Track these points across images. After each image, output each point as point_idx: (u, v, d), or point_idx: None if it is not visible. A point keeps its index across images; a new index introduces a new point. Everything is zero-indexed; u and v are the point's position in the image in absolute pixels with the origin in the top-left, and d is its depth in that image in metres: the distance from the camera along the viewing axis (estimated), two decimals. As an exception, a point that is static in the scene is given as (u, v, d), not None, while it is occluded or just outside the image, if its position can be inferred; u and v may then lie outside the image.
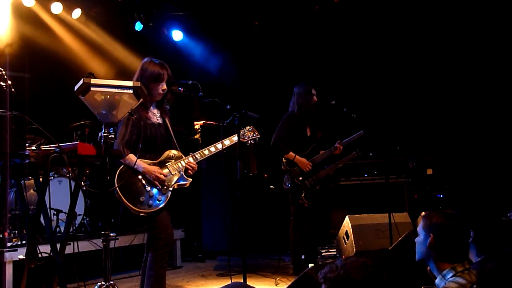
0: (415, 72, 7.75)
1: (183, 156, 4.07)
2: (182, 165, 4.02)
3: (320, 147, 5.94)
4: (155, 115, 4.07)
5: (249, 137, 4.46)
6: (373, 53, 7.97)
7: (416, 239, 2.63)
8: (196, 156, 4.11)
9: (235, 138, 4.32)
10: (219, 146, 4.21)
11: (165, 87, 4.02)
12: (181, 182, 3.99)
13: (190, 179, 4.05)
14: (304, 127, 5.96)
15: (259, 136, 4.52)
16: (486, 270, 1.77)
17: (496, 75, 7.22)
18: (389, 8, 7.66)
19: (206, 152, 4.16)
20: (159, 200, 3.82)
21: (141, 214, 3.77)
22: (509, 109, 7.10)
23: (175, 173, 3.97)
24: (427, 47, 7.66)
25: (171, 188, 3.91)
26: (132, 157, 3.79)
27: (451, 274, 2.42)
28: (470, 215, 2.79)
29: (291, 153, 5.74)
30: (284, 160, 5.76)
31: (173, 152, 4.06)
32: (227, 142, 4.30)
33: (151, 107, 4.07)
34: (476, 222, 2.73)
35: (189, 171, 4.04)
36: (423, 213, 3.75)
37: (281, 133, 5.83)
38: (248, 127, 4.49)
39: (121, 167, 3.77)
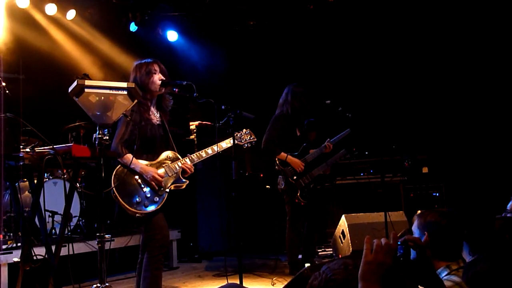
0: (410, 70, 7.76)
1: (180, 158, 4.07)
2: (178, 166, 4.01)
3: (310, 146, 5.94)
4: (155, 116, 4.08)
5: (245, 140, 4.47)
6: (368, 52, 7.98)
7: None
8: (193, 157, 4.10)
9: (232, 141, 4.32)
10: (216, 148, 4.21)
11: (161, 76, 4.02)
12: (178, 184, 3.99)
13: (187, 181, 4.04)
14: (294, 128, 5.98)
15: (255, 140, 4.53)
16: (478, 272, 1.77)
17: (491, 73, 7.23)
18: (384, 7, 7.67)
19: (203, 154, 4.16)
20: (155, 201, 3.82)
21: (137, 215, 3.76)
22: (505, 107, 7.12)
23: (172, 174, 3.97)
24: (422, 46, 7.67)
25: (167, 189, 3.90)
26: (130, 156, 3.78)
27: (446, 272, 2.42)
28: (463, 213, 2.79)
29: (282, 153, 5.75)
30: (277, 161, 5.77)
31: (170, 153, 4.06)
32: (224, 144, 4.29)
33: (152, 108, 4.08)
34: (469, 221, 2.73)
35: (186, 173, 4.03)
36: (419, 211, 3.75)
37: (272, 135, 5.83)
38: (245, 130, 4.49)
39: (117, 167, 3.77)
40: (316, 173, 5.87)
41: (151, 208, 3.80)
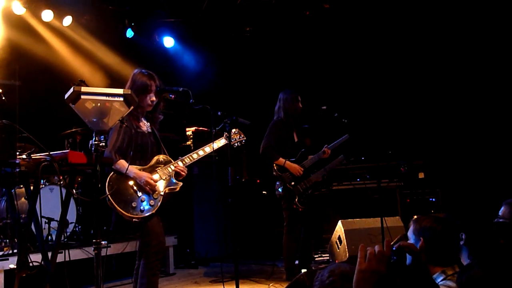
0: (406, 76, 7.79)
1: (172, 161, 4.09)
2: (171, 169, 4.04)
3: (308, 152, 5.96)
4: (145, 125, 4.13)
5: (235, 140, 4.51)
6: (364, 58, 8.00)
7: None
8: (185, 160, 4.14)
9: (222, 141, 4.37)
10: (207, 149, 4.25)
11: (154, 98, 4.07)
12: (172, 186, 4.02)
13: (181, 183, 4.08)
14: (291, 133, 5.99)
15: (245, 139, 4.57)
16: (472, 277, 1.78)
17: (487, 80, 7.26)
18: (379, 14, 7.71)
19: (195, 156, 4.20)
20: (151, 205, 3.84)
21: (134, 219, 3.78)
22: (500, 113, 7.15)
23: (165, 178, 4.00)
24: (418, 52, 7.70)
25: (162, 193, 3.93)
26: (123, 162, 3.82)
27: (441, 278, 2.43)
28: (461, 218, 2.80)
29: (281, 159, 5.75)
30: (275, 167, 5.78)
31: (162, 157, 4.09)
32: (214, 145, 4.32)
33: (142, 118, 4.11)
34: (467, 225, 2.74)
35: (182, 174, 4.06)
36: (415, 216, 3.76)
37: (270, 140, 5.84)
38: (234, 129, 4.51)
39: (111, 174, 3.78)
40: (314, 179, 5.87)
41: (147, 212, 3.82)
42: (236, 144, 4.50)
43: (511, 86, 7.05)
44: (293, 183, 5.73)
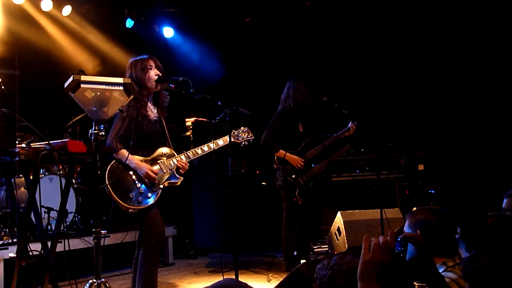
0: (407, 67, 7.77)
1: (175, 154, 4.07)
2: (173, 163, 4.01)
3: (313, 142, 5.90)
4: (152, 112, 4.07)
5: (243, 138, 4.46)
6: (364, 49, 7.98)
7: None
8: (189, 154, 4.11)
9: (229, 138, 4.32)
10: (212, 145, 4.21)
11: (157, 72, 4.02)
12: (172, 180, 3.99)
13: (181, 178, 4.04)
14: (296, 124, 5.89)
15: (253, 138, 4.52)
16: (477, 269, 1.78)
17: (488, 72, 7.25)
18: (380, 3, 7.67)
19: (199, 151, 4.16)
20: (148, 197, 3.82)
21: (129, 210, 3.77)
22: (500, 105, 7.14)
23: (166, 171, 3.97)
24: (419, 43, 7.68)
25: (161, 186, 3.90)
26: (124, 152, 3.79)
27: (442, 269, 2.42)
28: (456, 210, 2.80)
29: (281, 151, 5.69)
30: (276, 159, 5.73)
31: (166, 149, 4.05)
32: (220, 142, 4.29)
33: (149, 103, 4.07)
34: (462, 218, 2.74)
35: (180, 170, 4.03)
36: (414, 208, 3.76)
37: (272, 132, 5.75)
38: (243, 128, 4.49)
39: (112, 162, 3.77)
40: (316, 170, 5.81)
41: (145, 204, 3.80)
42: (243, 142, 4.47)
43: (509, 79, 7.04)
44: (293, 176, 5.69)
